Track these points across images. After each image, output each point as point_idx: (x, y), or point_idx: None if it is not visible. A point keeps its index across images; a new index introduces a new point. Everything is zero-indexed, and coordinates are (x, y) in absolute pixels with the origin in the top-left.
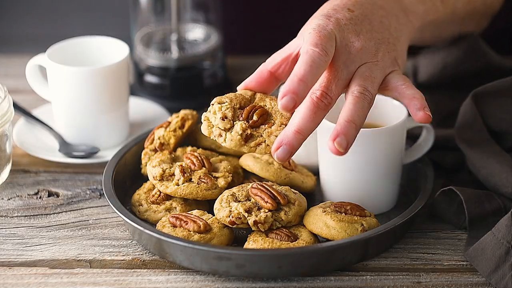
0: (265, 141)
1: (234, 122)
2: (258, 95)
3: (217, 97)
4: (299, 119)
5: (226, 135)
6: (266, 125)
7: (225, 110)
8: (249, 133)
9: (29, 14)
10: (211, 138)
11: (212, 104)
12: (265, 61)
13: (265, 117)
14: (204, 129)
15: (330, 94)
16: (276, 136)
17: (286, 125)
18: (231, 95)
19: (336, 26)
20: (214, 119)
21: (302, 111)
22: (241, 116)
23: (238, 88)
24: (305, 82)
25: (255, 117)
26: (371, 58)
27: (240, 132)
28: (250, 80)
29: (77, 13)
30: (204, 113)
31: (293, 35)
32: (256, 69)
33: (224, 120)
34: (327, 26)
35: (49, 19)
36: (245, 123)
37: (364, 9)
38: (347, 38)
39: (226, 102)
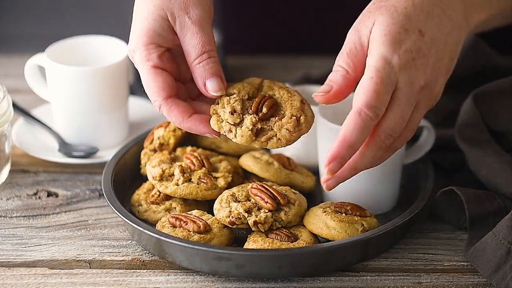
0: (276, 135)
1: (244, 116)
2: (266, 83)
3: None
4: (359, 157)
5: (236, 130)
6: (276, 118)
7: (234, 103)
8: (259, 127)
9: (28, 14)
10: (221, 133)
11: (221, 96)
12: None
13: (275, 109)
14: (213, 124)
15: (395, 135)
16: (287, 129)
17: (296, 116)
18: (238, 85)
19: (403, 67)
20: (223, 113)
21: (363, 149)
22: (250, 108)
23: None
24: (353, 148)
25: (264, 110)
26: (429, 94)
27: (250, 127)
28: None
29: (76, 12)
30: (212, 105)
31: (294, 34)
32: (256, 69)
33: (233, 115)
34: (391, 71)
35: (48, 18)
36: (254, 117)
37: (434, 28)
38: (413, 76)
39: (235, 93)
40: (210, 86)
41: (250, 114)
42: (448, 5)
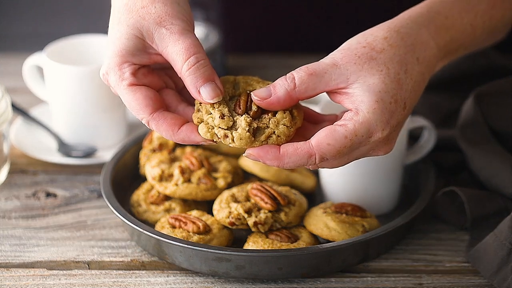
0: (274, 132)
1: (234, 118)
2: (240, 79)
3: None
4: (281, 162)
5: (232, 134)
6: (269, 114)
7: (219, 106)
8: (255, 126)
9: (27, 13)
10: (215, 141)
11: (200, 103)
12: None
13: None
14: (204, 133)
15: (325, 165)
16: (285, 125)
17: (290, 110)
18: None
19: (380, 142)
20: (211, 120)
21: (293, 159)
22: (238, 108)
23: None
24: (281, 162)
25: (254, 107)
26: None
27: (247, 128)
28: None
29: (75, 12)
30: (194, 114)
31: (294, 34)
32: (256, 69)
33: (223, 119)
34: (366, 140)
35: (47, 18)
36: (247, 117)
37: (414, 100)
38: (382, 146)
39: None
40: (205, 94)
41: (241, 115)
42: (428, 67)
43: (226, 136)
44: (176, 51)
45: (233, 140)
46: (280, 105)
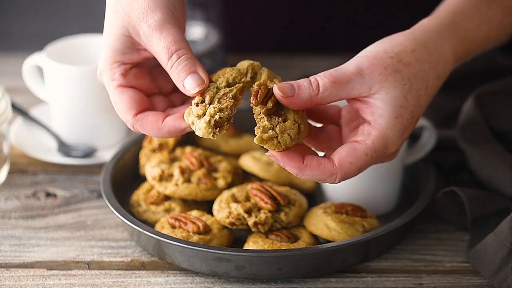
0: (277, 136)
1: (212, 105)
2: (265, 72)
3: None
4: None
5: (196, 123)
6: (279, 118)
7: (205, 94)
8: (217, 119)
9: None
10: (188, 123)
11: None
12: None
13: (278, 106)
14: (184, 116)
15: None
16: (289, 135)
17: (299, 124)
18: (222, 71)
19: (390, 155)
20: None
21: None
22: (255, 98)
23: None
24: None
25: (269, 104)
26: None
27: (207, 119)
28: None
29: (75, 12)
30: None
31: (294, 34)
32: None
33: (198, 106)
34: (383, 155)
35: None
36: (214, 108)
37: (425, 108)
38: (387, 158)
39: (212, 83)
40: (188, 85)
41: (255, 105)
42: (443, 80)
43: (193, 123)
44: (159, 50)
45: (196, 128)
46: (300, 106)
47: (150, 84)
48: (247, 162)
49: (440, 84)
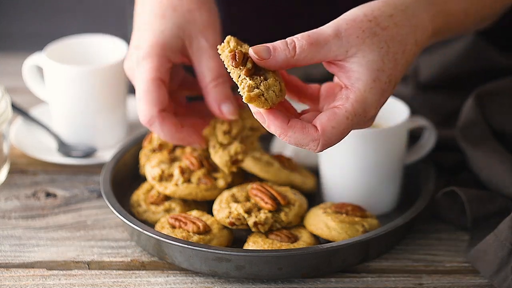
0: (263, 94)
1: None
2: (231, 40)
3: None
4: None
5: (218, 150)
6: (260, 77)
7: (227, 127)
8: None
9: (27, 13)
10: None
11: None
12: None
13: (256, 67)
14: (205, 132)
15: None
16: (274, 91)
17: (279, 81)
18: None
19: (370, 119)
20: (219, 127)
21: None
22: (234, 60)
23: None
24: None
25: (248, 65)
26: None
27: (228, 158)
28: None
29: (75, 11)
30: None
31: (294, 34)
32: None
33: (225, 135)
34: (363, 119)
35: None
36: (239, 147)
37: (402, 75)
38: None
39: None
40: (226, 110)
41: (235, 67)
42: (421, 49)
43: (213, 147)
44: (209, 67)
45: (215, 155)
46: (276, 67)
47: (169, 87)
48: (247, 162)
49: (418, 51)
